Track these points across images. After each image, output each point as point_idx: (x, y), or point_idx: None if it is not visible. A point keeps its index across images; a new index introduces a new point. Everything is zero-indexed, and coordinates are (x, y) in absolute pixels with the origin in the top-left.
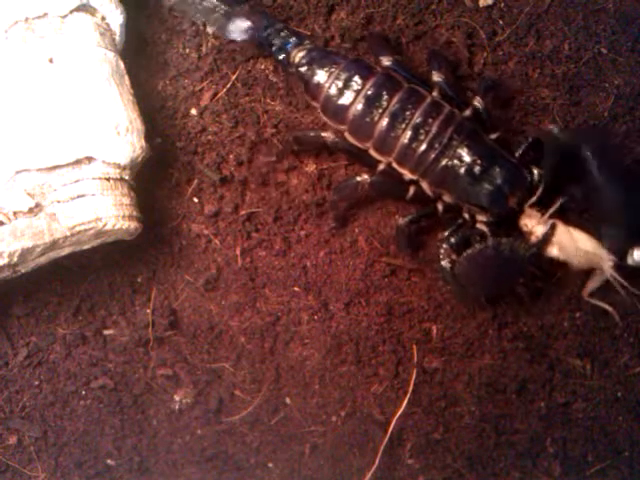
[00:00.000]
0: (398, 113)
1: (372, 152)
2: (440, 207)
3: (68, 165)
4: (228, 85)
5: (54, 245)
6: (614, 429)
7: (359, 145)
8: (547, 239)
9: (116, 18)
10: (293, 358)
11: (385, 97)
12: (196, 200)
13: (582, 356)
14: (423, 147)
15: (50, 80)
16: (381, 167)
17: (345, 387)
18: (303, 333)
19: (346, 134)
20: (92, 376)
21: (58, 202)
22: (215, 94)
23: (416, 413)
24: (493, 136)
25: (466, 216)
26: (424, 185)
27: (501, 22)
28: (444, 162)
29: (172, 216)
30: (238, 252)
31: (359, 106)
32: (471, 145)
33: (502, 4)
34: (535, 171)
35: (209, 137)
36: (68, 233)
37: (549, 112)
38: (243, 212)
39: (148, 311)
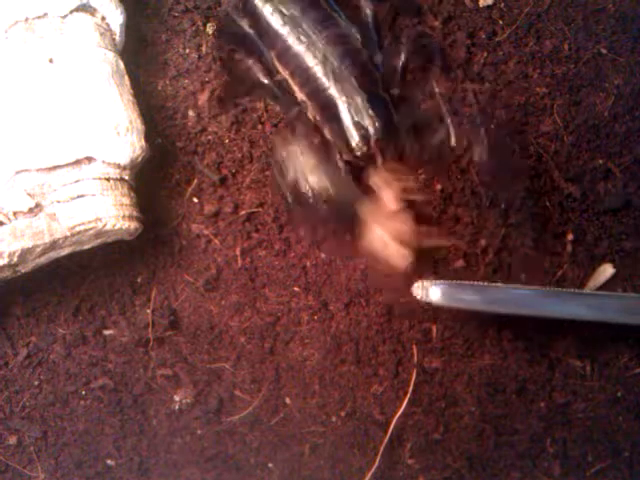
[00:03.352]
0: (303, 30)
1: (275, 62)
2: (316, 140)
3: (68, 165)
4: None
5: (54, 245)
6: (614, 429)
7: (267, 50)
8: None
9: (116, 18)
10: (293, 358)
11: (298, 12)
12: (196, 200)
13: (582, 356)
14: (316, 70)
15: (50, 80)
16: (278, 77)
17: (345, 387)
18: (303, 333)
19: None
20: (92, 376)
21: (58, 202)
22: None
23: (416, 413)
24: (394, 91)
25: (338, 155)
26: (309, 109)
27: (501, 22)
28: (330, 91)
29: (172, 216)
30: (238, 252)
31: (275, 13)
32: (361, 84)
33: (502, 4)
34: (413, 131)
35: (209, 137)
36: (68, 233)
37: (549, 112)
38: (243, 212)
39: (148, 311)
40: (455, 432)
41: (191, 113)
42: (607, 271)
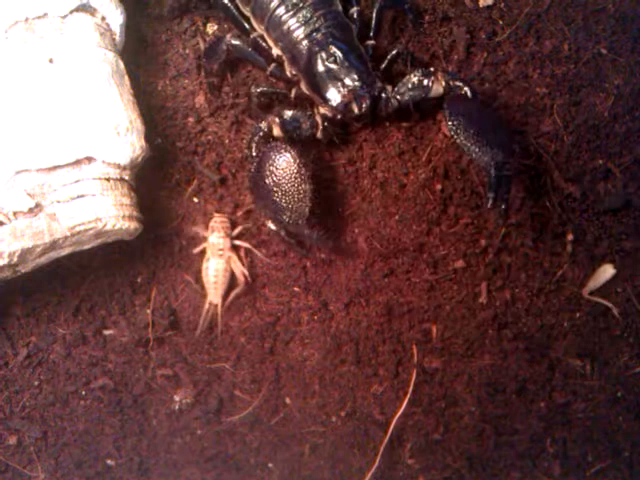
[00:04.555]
0: None
1: (251, 19)
2: (293, 92)
3: (68, 165)
4: (228, 85)
5: (54, 245)
6: (614, 429)
7: (242, 8)
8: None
9: (116, 18)
10: (293, 358)
11: None
12: (196, 200)
13: (582, 356)
14: (290, 22)
15: (50, 80)
16: (254, 34)
17: (345, 387)
18: (303, 333)
19: None
20: (92, 376)
21: (58, 202)
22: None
23: (416, 413)
24: (369, 42)
25: (315, 110)
26: (285, 63)
27: (501, 22)
28: (305, 42)
29: (172, 216)
30: None
31: None
32: (335, 35)
33: (502, 4)
34: (389, 90)
35: (209, 137)
36: (68, 233)
37: (549, 112)
38: (243, 212)
39: (148, 311)
40: (455, 432)
41: (191, 113)
42: (608, 271)
